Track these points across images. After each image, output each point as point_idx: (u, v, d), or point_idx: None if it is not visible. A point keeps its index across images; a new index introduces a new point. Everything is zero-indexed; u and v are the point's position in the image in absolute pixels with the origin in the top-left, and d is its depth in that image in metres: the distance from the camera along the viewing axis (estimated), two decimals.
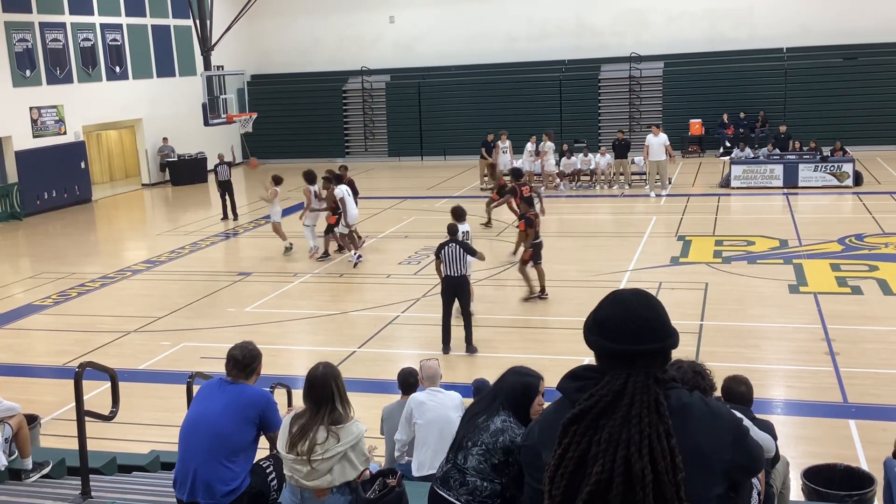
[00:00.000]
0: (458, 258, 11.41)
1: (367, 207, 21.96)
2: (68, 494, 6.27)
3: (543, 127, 26.75)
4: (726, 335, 11.88)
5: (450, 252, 11.44)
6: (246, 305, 14.40)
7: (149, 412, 9.95)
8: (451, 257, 11.43)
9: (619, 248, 17.01)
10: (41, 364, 12.24)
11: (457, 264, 11.40)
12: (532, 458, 2.45)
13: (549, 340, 11.86)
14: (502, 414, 4.38)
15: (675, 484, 2.12)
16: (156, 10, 30.03)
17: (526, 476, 2.56)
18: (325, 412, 4.69)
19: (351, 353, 11.74)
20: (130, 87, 28.77)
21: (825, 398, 9.55)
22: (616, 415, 2.20)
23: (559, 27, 31.53)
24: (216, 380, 5.28)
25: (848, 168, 22.51)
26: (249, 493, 5.06)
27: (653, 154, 22.58)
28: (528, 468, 2.53)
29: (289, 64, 34.33)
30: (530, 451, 2.48)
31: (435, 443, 6.12)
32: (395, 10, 33.05)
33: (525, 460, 2.54)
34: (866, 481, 6.45)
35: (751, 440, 2.40)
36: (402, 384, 7.13)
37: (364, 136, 33.85)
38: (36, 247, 21.04)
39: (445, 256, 11.45)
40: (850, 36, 28.89)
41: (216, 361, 6.41)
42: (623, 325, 2.31)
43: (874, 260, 15.17)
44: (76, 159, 26.33)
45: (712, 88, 29.66)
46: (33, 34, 25.07)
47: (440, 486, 4.49)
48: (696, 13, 30.40)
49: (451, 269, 11.42)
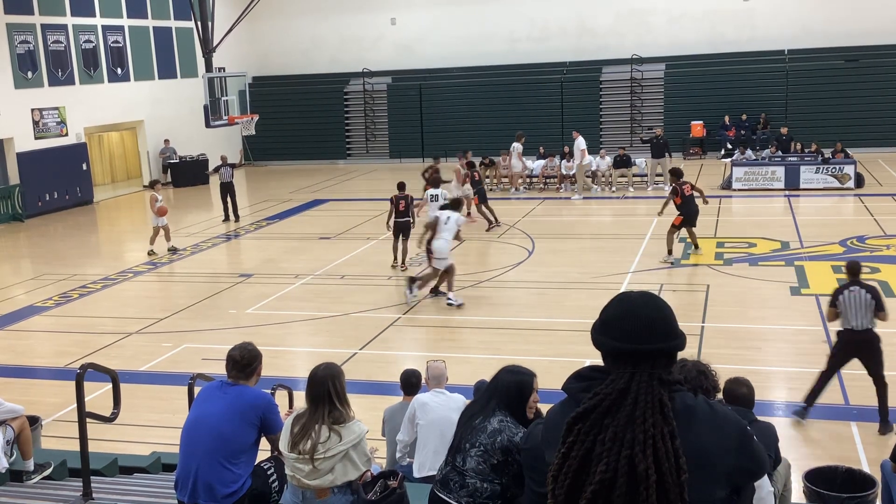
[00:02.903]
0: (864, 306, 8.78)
1: (368, 209, 21.99)
2: (69, 496, 6.27)
3: (544, 128, 26.80)
4: (727, 337, 11.87)
5: (853, 299, 8.85)
6: (247, 307, 14.40)
7: (150, 414, 9.95)
8: (856, 304, 8.83)
9: (620, 250, 17.00)
10: (42, 365, 12.24)
11: (862, 313, 8.77)
12: (533, 461, 2.45)
13: (550, 342, 11.85)
14: (498, 414, 4.39)
15: (679, 485, 2.13)
16: (157, 11, 30.07)
17: (526, 479, 2.55)
18: (323, 411, 4.69)
19: (352, 354, 11.74)
20: (132, 89, 28.80)
21: (827, 400, 9.53)
22: (620, 414, 2.21)
23: (560, 29, 31.55)
24: (217, 382, 5.29)
25: (849, 170, 22.50)
26: (251, 495, 5.06)
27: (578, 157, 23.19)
28: (529, 471, 2.52)
29: (290, 66, 34.36)
30: (531, 454, 2.48)
31: (436, 444, 6.11)
32: (396, 12, 33.07)
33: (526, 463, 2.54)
34: (868, 483, 6.44)
35: (755, 444, 2.40)
36: (404, 385, 7.13)
37: (365, 137, 33.87)
38: (37, 248, 21.05)
39: (846, 303, 8.87)
40: (851, 38, 28.90)
41: (217, 363, 6.41)
42: (628, 325, 2.32)
43: (876, 262, 15.16)
44: (78, 161, 26.35)
45: (714, 90, 29.67)
46: (35, 36, 25.10)
47: (440, 489, 4.49)
48: (697, 15, 30.42)
49: (855, 321, 8.80)
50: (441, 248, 13.74)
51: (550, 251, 17.45)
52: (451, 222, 13.89)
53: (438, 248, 13.74)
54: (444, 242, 13.75)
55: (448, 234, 13.85)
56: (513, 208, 22.23)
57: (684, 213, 15.91)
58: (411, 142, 32.68)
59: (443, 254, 13.74)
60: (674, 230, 15.99)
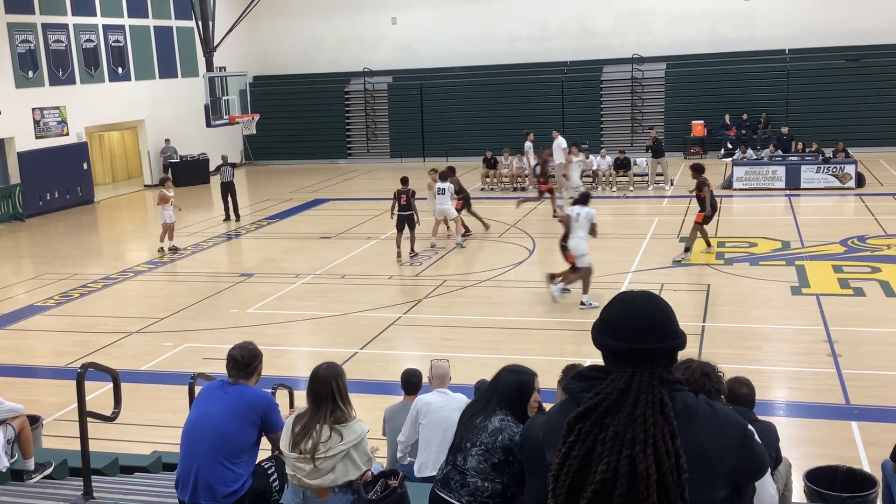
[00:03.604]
0: None
1: (369, 209, 22.00)
2: (70, 495, 6.27)
3: (545, 128, 26.76)
4: (728, 337, 11.87)
5: None
6: (248, 306, 14.40)
7: (151, 413, 9.95)
8: None
9: (621, 250, 16.99)
10: (43, 365, 12.25)
11: None
12: (536, 458, 2.44)
13: (551, 342, 11.85)
14: (499, 413, 4.40)
15: (680, 485, 2.13)
16: (158, 11, 30.07)
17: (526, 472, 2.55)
18: (325, 410, 4.69)
19: (353, 354, 11.74)
20: (133, 89, 28.80)
21: (827, 400, 9.54)
22: (621, 414, 2.21)
23: (561, 29, 31.55)
24: (218, 381, 5.29)
25: (850, 169, 22.50)
26: (251, 494, 5.06)
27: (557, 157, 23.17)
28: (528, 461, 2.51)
29: (291, 65, 34.37)
30: (529, 444, 2.48)
31: (438, 444, 6.10)
32: (396, 12, 33.07)
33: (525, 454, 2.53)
34: (868, 483, 6.43)
35: (756, 444, 2.40)
36: (405, 385, 7.13)
37: (366, 137, 33.87)
38: (38, 248, 21.06)
39: None
40: (852, 37, 28.89)
41: (218, 362, 6.42)
42: (628, 324, 2.32)
43: (876, 262, 15.16)
44: (78, 160, 26.36)
45: (715, 90, 29.67)
46: (36, 35, 25.11)
47: (441, 489, 4.50)
48: (697, 15, 30.42)
49: None
50: (577, 246, 13.27)
51: (551, 251, 17.42)
52: (581, 219, 13.35)
53: (576, 248, 13.29)
54: (580, 241, 13.28)
55: (582, 232, 13.32)
56: (514, 207, 22.23)
57: (707, 209, 15.84)
58: (412, 141, 32.68)
59: (580, 251, 13.25)
60: (698, 227, 15.95)
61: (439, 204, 17.67)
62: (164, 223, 18.58)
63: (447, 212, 17.80)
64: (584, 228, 13.38)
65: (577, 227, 13.37)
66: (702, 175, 16.04)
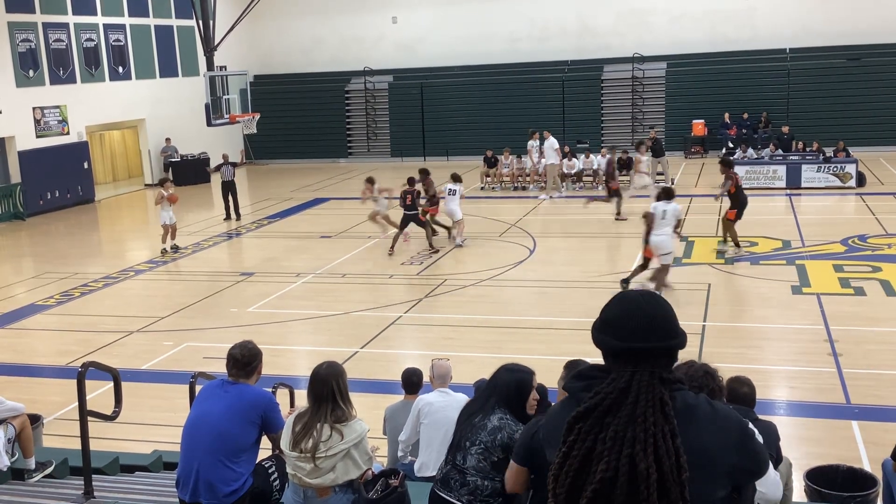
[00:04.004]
0: None
1: (369, 208, 21.99)
2: (71, 494, 6.27)
3: (545, 127, 26.75)
4: (729, 336, 11.87)
5: None
6: (248, 305, 14.41)
7: (151, 412, 9.95)
8: None
9: (621, 249, 16.99)
10: (44, 364, 12.25)
11: None
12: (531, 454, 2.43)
13: (551, 341, 11.85)
14: (498, 412, 4.41)
15: (680, 484, 2.13)
16: (159, 10, 30.07)
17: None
18: (326, 409, 4.69)
19: (353, 353, 11.75)
20: (133, 88, 28.81)
21: (828, 399, 9.54)
22: (621, 413, 2.21)
23: (561, 28, 31.54)
24: (218, 380, 5.29)
25: (851, 169, 22.49)
26: (252, 494, 5.06)
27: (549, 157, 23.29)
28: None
29: (291, 64, 34.36)
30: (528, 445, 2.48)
31: (440, 444, 6.10)
32: (397, 11, 33.07)
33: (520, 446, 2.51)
34: (869, 482, 6.43)
35: (756, 443, 2.40)
36: (406, 384, 7.13)
37: (367, 136, 33.87)
38: (39, 247, 21.06)
39: None
40: (853, 37, 28.87)
41: (219, 361, 6.42)
42: (628, 323, 2.32)
43: (877, 261, 15.16)
44: (79, 159, 26.36)
45: (715, 89, 29.65)
46: (36, 34, 25.11)
47: (440, 488, 4.50)
48: (697, 14, 30.40)
49: None
50: (664, 243, 12.97)
51: (552, 250, 17.46)
52: (669, 215, 13.00)
53: (662, 245, 13.00)
54: (665, 238, 13.01)
55: (668, 228, 13.02)
56: (515, 206, 22.25)
57: (738, 206, 15.84)
58: (412, 140, 32.68)
59: (665, 249, 12.99)
60: (730, 224, 15.95)
61: (447, 204, 17.93)
62: (163, 224, 18.56)
63: (453, 213, 17.88)
64: (670, 225, 13.03)
65: (664, 224, 13.01)
66: (730, 169, 15.90)
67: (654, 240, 13.03)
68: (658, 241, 12.99)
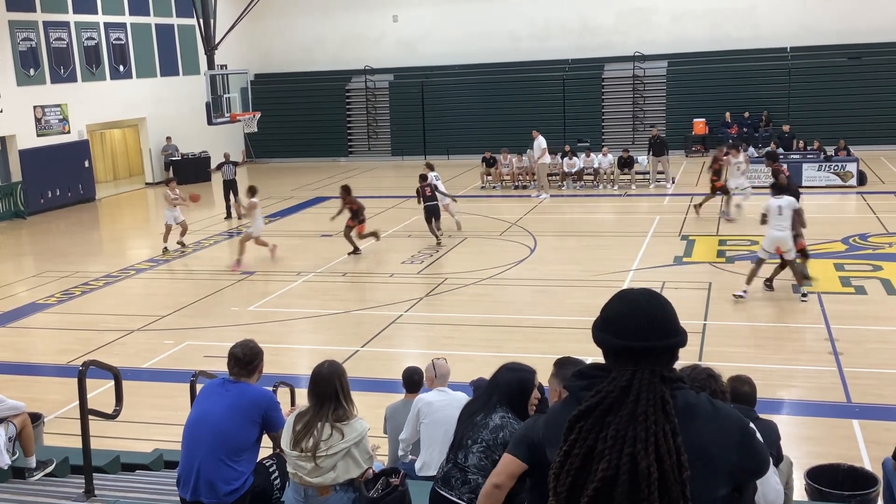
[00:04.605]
0: None
1: (370, 207, 21.97)
2: (72, 493, 6.27)
3: (546, 127, 26.77)
4: (730, 335, 11.87)
5: None
6: (249, 304, 14.41)
7: (152, 411, 9.96)
8: None
9: (622, 248, 17.00)
10: (45, 363, 12.26)
11: None
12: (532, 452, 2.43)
13: (552, 340, 11.84)
14: (500, 410, 4.41)
15: (681, 482, 2.13)
16: (159, 9, 30.07)
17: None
18: (328, 409, 4.69)
19: (354, 352, 11.75)
20: (134, 86, 28.81)
21: (829, 398, 9.54)
22: (622, 412, 2.21)
23: (562, 27, 31.53)
24: (219, 379, 5.29)
25: (852, 167, 22.48)
26: (252, 492, 5.06)
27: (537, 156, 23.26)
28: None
29: (292, 63, 34.36)
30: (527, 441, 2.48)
31: (440, 443, 6.11)
32: (398, 10, 33.06)
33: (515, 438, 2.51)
34: (869, 481, 6.44)
35: (757, 442, 2.39)
36: (407, 383, 7.13)
37: (367, 135, 33.87)
38: (39, 245, 21.07)
39: None
40: (853, 35, 28.86)
41: (219, 360, 6.42)
42: (629, 322, 2.32)
43: (878, 260, 15.15)
44: (80, 158, 26.37)
45: (716, 88, 29.65)
46: (37, 33, 25.11)
47: (441, 487, 4.50)
48: (699, 13, 30.38)
49: None
50: (784, 238, 12.56)
51: (552, 248, 17.45)
52: (785, 212, 12.54)
53: (783, 240, 12.57)
54: (785, 233, 12.56)
55: (786, 222, 12.53)
56: (515, 205, 22.24)
57: None
58: (413, 139, 32.67)
59: (786, 245, 12.62)
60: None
61: (442, 201, 18.42)
62: (167, 224, 18.51)
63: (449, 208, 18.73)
64: (788, 220, 12.58)
65: (781, 220, 12.58)
66: (776, 163, 15.49)
67: (775, 235, 12.57)
68: (780, 236, 12.58)
